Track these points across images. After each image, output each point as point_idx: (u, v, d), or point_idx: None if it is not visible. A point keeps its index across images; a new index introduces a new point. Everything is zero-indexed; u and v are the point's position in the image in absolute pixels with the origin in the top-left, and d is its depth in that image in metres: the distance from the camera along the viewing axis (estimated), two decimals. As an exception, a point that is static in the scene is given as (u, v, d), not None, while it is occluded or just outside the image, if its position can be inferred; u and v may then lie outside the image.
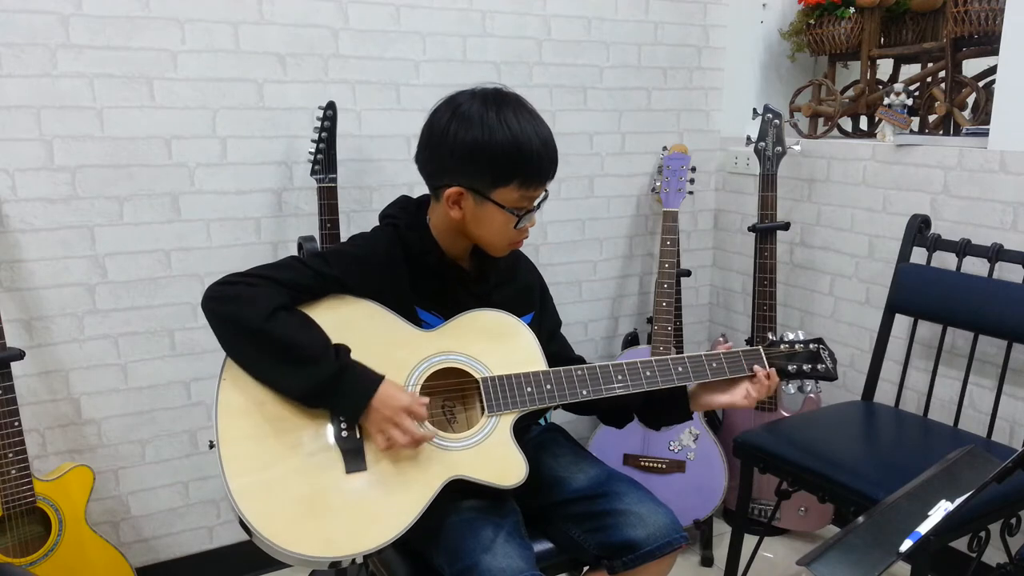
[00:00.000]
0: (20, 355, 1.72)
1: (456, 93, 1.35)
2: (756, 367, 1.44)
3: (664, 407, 1.49)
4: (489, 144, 1.28)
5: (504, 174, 1.30)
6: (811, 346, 1.48)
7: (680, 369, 1.41)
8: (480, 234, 1.38)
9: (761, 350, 1.47)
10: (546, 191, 1.38)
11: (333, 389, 1.25)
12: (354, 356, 1.30)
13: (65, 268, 1.90)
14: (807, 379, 1.48)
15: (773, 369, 1.45)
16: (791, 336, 1.50)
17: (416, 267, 1.39)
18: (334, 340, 1.29)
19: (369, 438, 1.28)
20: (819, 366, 1.47)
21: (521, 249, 1.55)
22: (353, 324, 1.33)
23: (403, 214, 1.43)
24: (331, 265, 1.34)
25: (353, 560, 1.23)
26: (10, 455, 1.70)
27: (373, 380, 1.26)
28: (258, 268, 1.32)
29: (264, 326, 1.24)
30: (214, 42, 1.95)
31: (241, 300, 1.26)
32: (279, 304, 1.27)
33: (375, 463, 1.27)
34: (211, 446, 1.24)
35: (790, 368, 1.47)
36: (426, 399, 1.28)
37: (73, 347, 1.93)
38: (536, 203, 1.37)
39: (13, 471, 1.71)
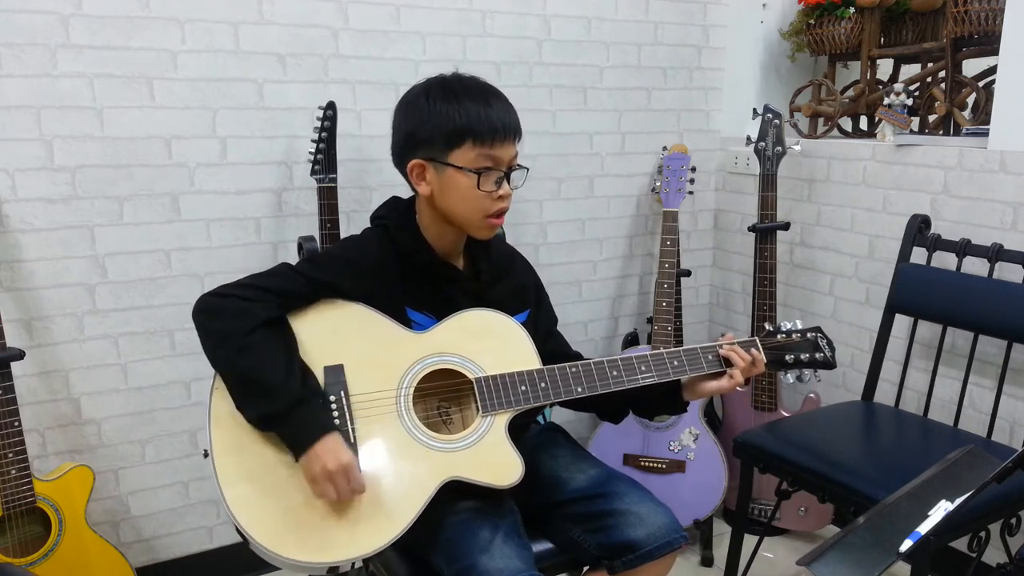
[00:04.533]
0: (20, 355, 1.72)
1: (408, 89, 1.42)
2: (753, 350, 1.42)
3: (659, 400, 1.48)
4: (435, 111, 1.33)
5: (455, 135, 1.32)
6: (809, 335, 1.45)
7: (676, 363, 1.40)
8: (451, 208, 1.36)
9: (757, 341, 1.45)
10: (524, 167, 1.37)
11: (280, 424, 1.23)
12: (347, 361, 1.30)
13: (65, 268, 1.90)
14: (806, 368, 1.45)
15: (757, 350, 1.42)
16: (788, 325, 1.47)
17: (408, 267, 1.39)
18: (326, 347, 1.29)
19: (311, 482, 1.23)
20: (817, 355, 1.44)
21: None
22: (344, 330, 1.33)
23: (393, 214, 1.43)
24: (322, 270, 1.34)
25: (352, 564, 1.23)
26: (10, 455, 1.70)
27: (320, 429, 1.22)
28: (250, 277, 1.32)
29: (240, 344, 1.23)
30: (214, 42, 1.95)
31: (227, 314, 1.26)
32: (266, 319, 1.26)
33: (370, 468, 1.26)
34: (205, 455, 1.25)
35: (787, 358, 1.44)
36: (363, 483, 1.23)
37: (73, 347, 1.93)
38: (506, 168, 1.35)
39: (13, 471, 1.71)
